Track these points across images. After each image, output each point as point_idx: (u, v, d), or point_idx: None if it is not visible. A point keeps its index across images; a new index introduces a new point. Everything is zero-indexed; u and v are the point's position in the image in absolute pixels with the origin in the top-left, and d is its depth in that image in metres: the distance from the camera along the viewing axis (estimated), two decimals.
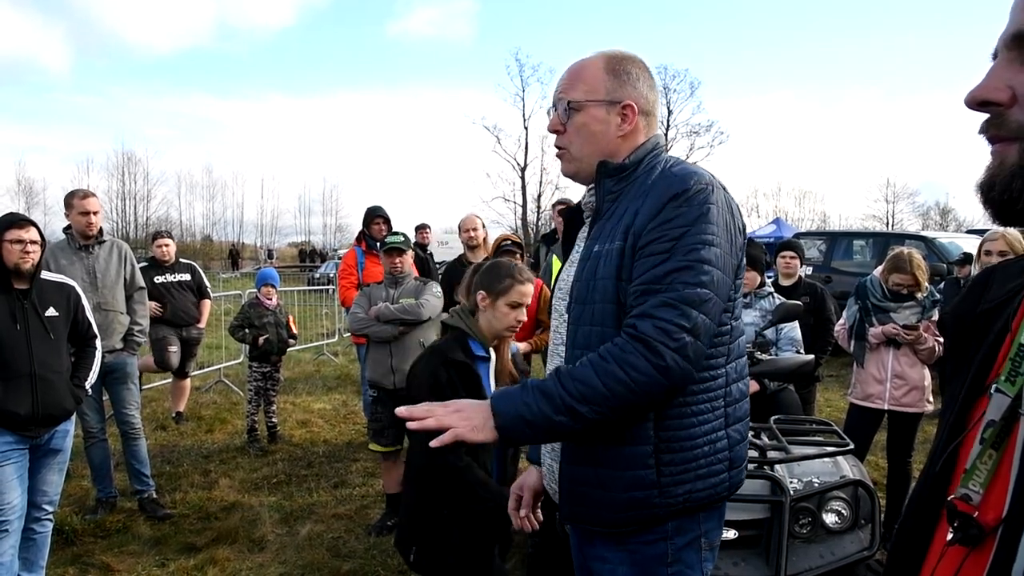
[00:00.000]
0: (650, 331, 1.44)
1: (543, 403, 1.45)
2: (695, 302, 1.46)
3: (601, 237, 1.66)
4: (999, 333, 0.85)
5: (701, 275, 1.48)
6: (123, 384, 4.76)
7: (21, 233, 3.36)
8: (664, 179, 1.60)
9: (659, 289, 1.48)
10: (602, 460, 1.61)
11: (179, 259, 7.02)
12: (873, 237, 13.53)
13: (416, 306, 4.41)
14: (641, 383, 1.42)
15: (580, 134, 1.71)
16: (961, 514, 0.79)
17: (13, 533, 3.31)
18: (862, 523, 2.97)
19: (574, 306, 1.69)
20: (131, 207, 52.00)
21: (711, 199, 1.54)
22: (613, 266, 1.59)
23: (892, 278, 4.35)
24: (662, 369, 1.43)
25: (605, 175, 1.70)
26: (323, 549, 4.31)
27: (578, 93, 1.70)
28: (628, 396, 1.43)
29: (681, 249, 1.49)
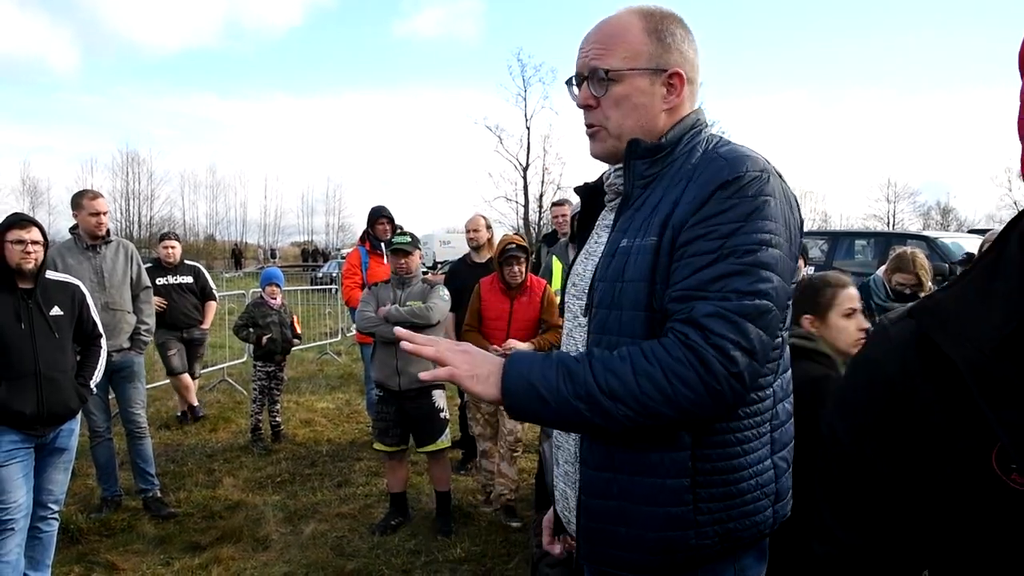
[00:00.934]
0: (704, 345, 1.22)
1: (564, 382, 1.25)
2: (753, 315, 1.24)
3: (630, 230, 1.40)
4: None
5: (759, 282, 1.25)
6: (130, 383, 4.78)
7: (22, 233, 3.37)
8: (710, 163, 1.35)
9: (707, 296, 1.25)
10: (630, 494, 1.37)
11: (183, 261, 7.05)
12: (875, 237, 13.52)
13: (425, 310, 4.41)
14: (685, 399, 1.22)
15: (620, 107, 1.43)
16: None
17: (19, 532, 3.33)
18: None
19: (596, 311, 1.42)
20: (135, 207, 52.14)
21: (767, 189, 1.30)
22: (646, 266, 1.34)
23: (895, 278, 4.35)
24: (714, 392, 1.22)
25: (637, 156, 1.43)
26: (327, 548, 4.32)
27: (616, 60, 1.42)
28: (664, 408, 1.23)
29: (734, 249, 1.25)
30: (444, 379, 1.31)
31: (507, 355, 1.34)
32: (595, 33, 1.46)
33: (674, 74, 1.44)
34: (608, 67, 1.42)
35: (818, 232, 18.07)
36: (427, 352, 1.32)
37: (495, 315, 4.73)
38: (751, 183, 1.29)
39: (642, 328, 1.34)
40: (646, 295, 1.34)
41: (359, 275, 6.19)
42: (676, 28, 1.45)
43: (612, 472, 1.39)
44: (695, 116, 1.47)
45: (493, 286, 4.79)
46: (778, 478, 1.43)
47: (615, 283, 1.39)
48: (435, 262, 31.72)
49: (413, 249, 4.61)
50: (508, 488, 4.75)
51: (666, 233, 1.33)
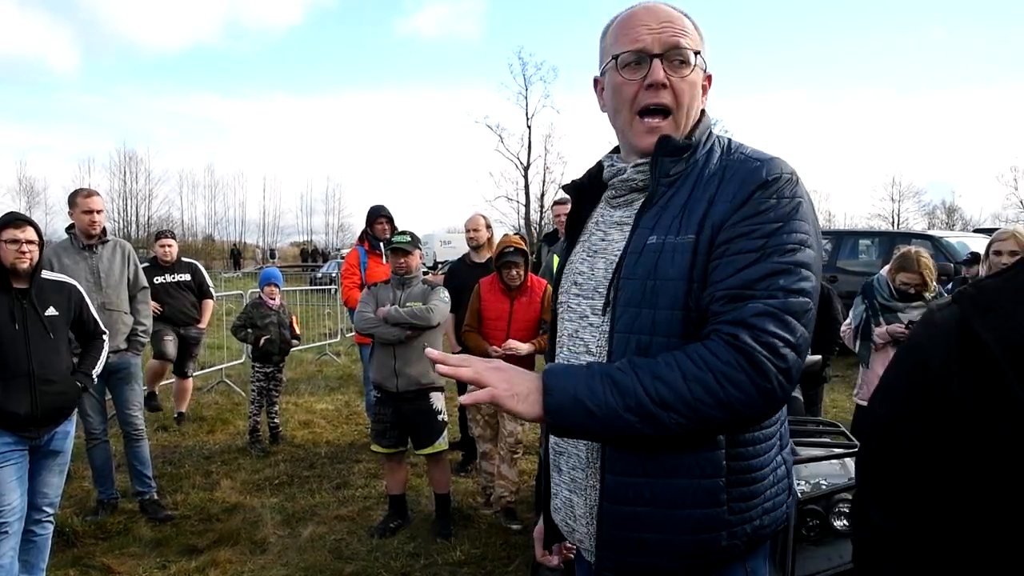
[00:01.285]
0: (754, 345, 1.21)
1: (612, 394, 1.22)
2: (798, 313, 1.25)
3: (658, 227, 1.36)
4: None
5: (802, 281, 1.26)
6: (127, 384, 4.74)
7: (17, 233, 3.33)
8: (741, 164, 1.35)
9: (755, 295, 1.24)
10: (663, 498, 1.33)
11: (181, 259, 7.00)
12: (879, 236, 13.46)
13: (426, 311, 4.37)
14: (738, 402, 1.21)
15: (689, 93, 1.42)
16: None
17: (13, 535, 3.28)
18: None
19: (621, 310, 1.37)
20: (133, 207, 52.10)
21: (800, 191, 1.33)
22: (684, 264, 1.31)
23: (899, 277, 4.30)
24: (766, 392, 1.21)
25: (666, 153, 1.40)
26: (325, 551, 4.28)
27: (694, 44, 1.42)
28: (717, 412, 1.21)
29: (776, 248, 1.26)
30: (484, 401, 1.26)
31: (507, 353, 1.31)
32: (663, 13, 1.42)
33: (708, 76, 1.48)
34: (697, 50, 1.41)
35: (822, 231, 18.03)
36: (464, 373, 1.26)
37: (495, 315, 4.69)
38: (787, 184, 1.32)
39: (679, 327, 1.32)
40: (684, 294, 1.31)
41: (358, 275, 6.15)
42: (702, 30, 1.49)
43: (643, 477, 1.35)
44: (708, 117, 1.49)
45: (493, 286, 4.75)
46: (788, 473, 1.46)
47: (646, 281, 1.34)
48: (435, 262, 31.71)
49: (413, 248, 4.56)
50: (508, 490, 4.70)
51: (704, 232, 1.31)
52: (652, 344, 1.33)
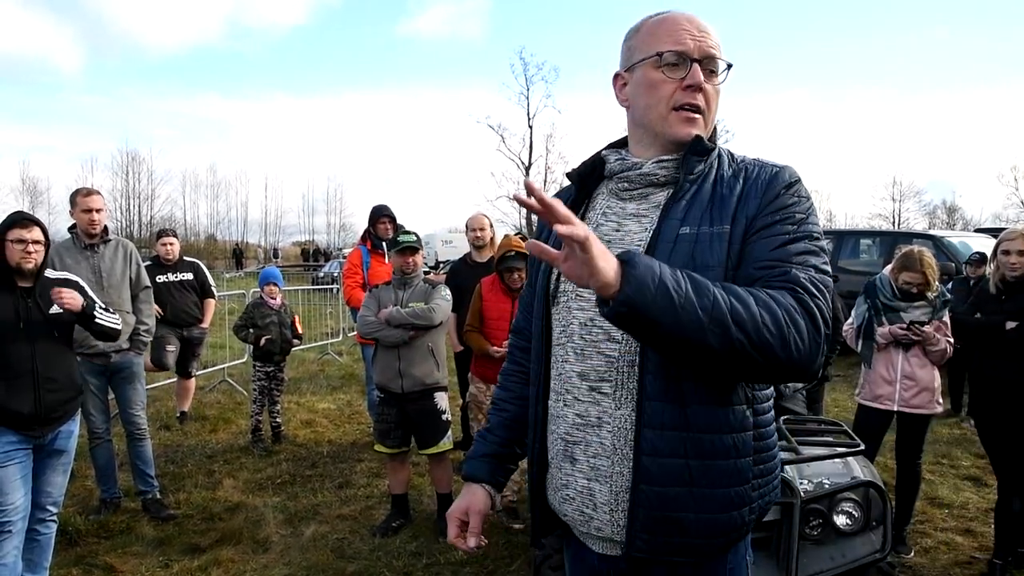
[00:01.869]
0: (810, 301, 1.31)
1: (693, 290, 1.22)
2: (830, 289, 1.38)
3: (689, 218, 1.44)
4: None
5: (826, 264, 1.41)
6: (129, 384, 4.74)
7: (23, 233, 3.33)
8: (758, 168, 1.48)
9: (795, 265, 1.35)
10: (699, 477, 1.40)
11: (183, 258, 7.01)
12: (880, 236, 13.45)
13: (428, 311, 4.37)
14: (795, 343, 1.26)
15: (716, 100, 1.53)
16: None
17: (16, 534, 3.29)
18: (873, 525, 2.93)
19: None
20: (135, 206, 52.13)
21: (809, 194, 1.49)
22: (722, 252, 1.40)
23: (902, 277, 4.30)
24: (815, 344, 1.30)
25: (695, 152, 1.49)
26: (327, 550, 4.29)
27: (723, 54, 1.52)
28: (776, 347, 1.25)
29: (806, 234, 1.40)
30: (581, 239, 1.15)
31: None
32: (702, 24, 1.51)
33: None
34: (729, 63, 1.52)
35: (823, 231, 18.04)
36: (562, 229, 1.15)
37: (496, 315, 4.70)
38: (801, 187, 1.47)
39: None
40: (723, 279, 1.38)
41: (360, 274, 6.15)
42: None
43: (683, 458, 1.40)
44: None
45: (494, 286, 4.76)
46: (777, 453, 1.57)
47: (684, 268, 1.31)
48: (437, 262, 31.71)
49: (419, 247, 4.58)
50: (510, 489, 4.71)
51: (738, 223, 1.42)
52: None
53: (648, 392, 1.41)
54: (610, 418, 1.46)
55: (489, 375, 4.71)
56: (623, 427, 1.44)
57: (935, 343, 4.19)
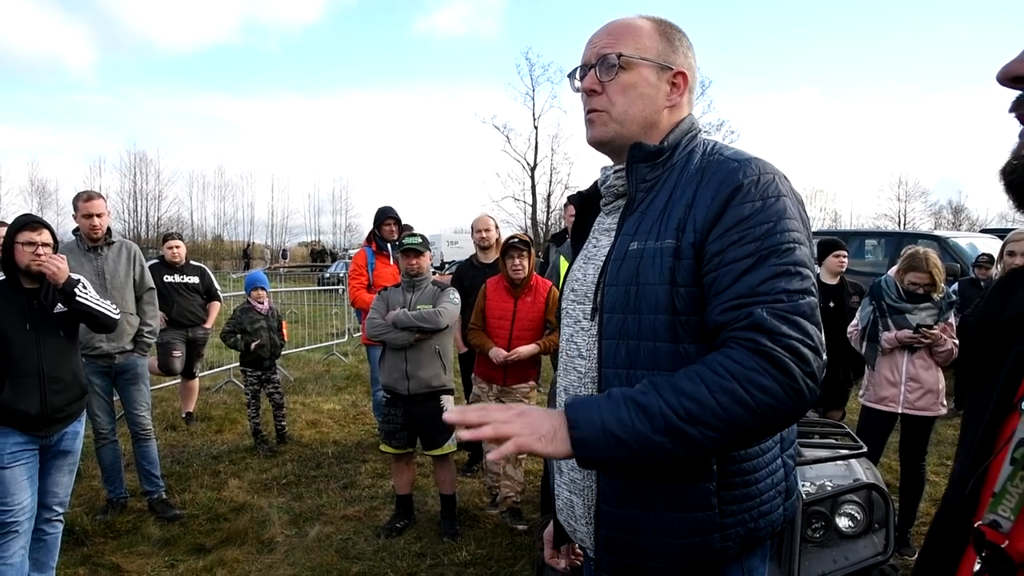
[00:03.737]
0: (775, 348, 1.20)
1: (639, 418, 1.20)
2: (807, 313, 1.25)
3: (639, 233, 1.40)
4: None
5: (803, 280, 1.27)
6: (134, 385, 4.76)
7: (33, 235, 3.36)
8: (718, 166, 1.37)
9: (760, 300, 1.24)
10: (655, 501, 1.36)
11: (189, 261, 7.07)
12: (885, 237, 13.43)
13: (434, 314, 4.38)
14: (767, 407, 1.19)
15: (627, 94, 1.45)
16: (989, 543, 0.72)
17: (23, 534, 3.31)
18: (876, 527, 2.93)
19: (609, 315, 1.41)
20: (143, 207, 52.26)
21: (783, 189, 1.34)
22: (665, 268, 1.34)
23: (908, 277, 4.29)
24: (795, 392, 1.20)
25: (639, 160, 1.45)
26: (332, 551, 4.30)
27: (629, 49, 1.45)
28: (748, 420, 1.19)
29: (772, 250, 1.27)
30: (511, 453, 1.23)
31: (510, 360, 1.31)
32: (605, 28, 1.51)
33: (679, 73, 1.49)
34: (622, 52, 1.45)
35: (828, 232, 18.05)
36: (484, 433, 1.22)
37: (499, 314, 4.71)
38: (768, 185, 1.32)
39: (664, 330, 1.34)
40: (667, 297, 1.33)
41: (365, 276, 6.17)
42: (682, 37, 1.53)
43: (636, 480, 1.37)
44: (691, 120, 1.52)
45: (498, 286, 4.77)
46: (787, 476, 1.47)
47: (629, 286, 1.38)
48: (443, 262, 31.73)
49: (424, 249, 4.58)
50: (514, 490, 4.72)
51: (684, 236, 1.34)
52: (640, 349, 1.35)
53: None
54: None
55: (494, 376, 4.72)
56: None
57: (942, 344, 4.18)
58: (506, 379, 4.71)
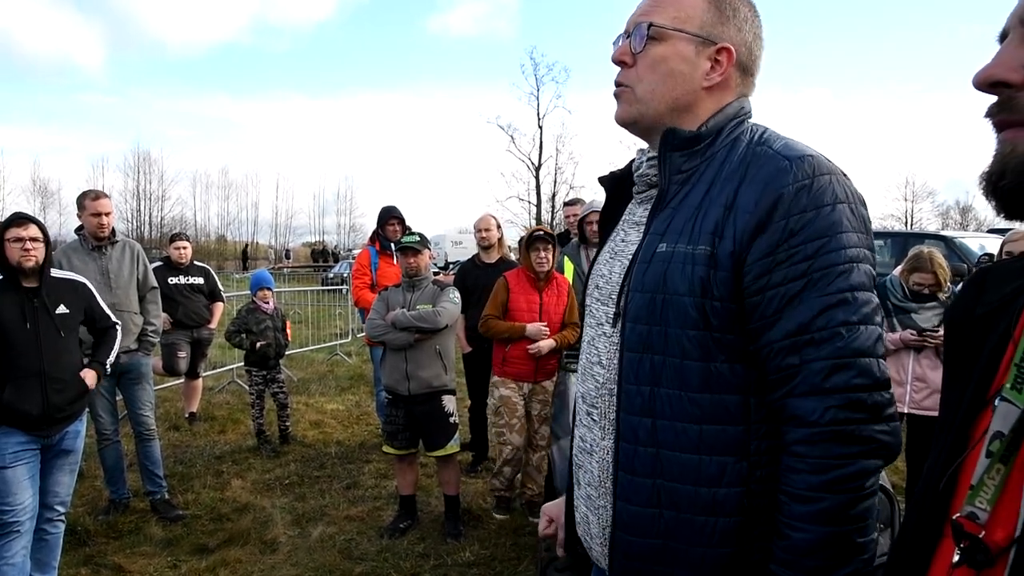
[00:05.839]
0: (838, 416, 1.09)
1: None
2: (868, 349, 1.11)
3: (668, 233, 1.24)
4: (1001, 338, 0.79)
5: (861, 307, 1.11)
6: (138, 385, 4.76)
7: (20, 231, 3.34)
8: (766, 161, 1.19)
9: (816, 339, 1.11)
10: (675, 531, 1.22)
11: (194, 262, 7.09)
12: (892, 237, 13.37)
13: (433, 314, 4.36)
14: (869, 482, 1.10)
15: (656, 70, 1.28)
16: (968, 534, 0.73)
17: (25, 534, 3.30)
18: (881, 528, 2.89)
19: (632, 325, 1.25)
20: (146, 207, 52.36)
21: (839, 194, 1.14)
22: (697, 279, 1.17)
23: (913, 278, 4.27)
24: (877, 451, 1.10)
25: (673, 147, 1.27)
26: (335, 551, 4.28)
27: (665, 17, 1.27)
28: (862, 504, 1.10)
29: (824, 274, 1.11)
30: None
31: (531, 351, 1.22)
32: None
33: (723, 49, 1.28)
34: (654, 21, 1.28)
35: None
36: None
37: (526, 307, 4.68)
38: (822, 190, 1.14)
39: (693, 347, 1.19)
40: (696, 311, 1.18)
41: (369, 275, 6.16)
42: (743, 7, 1.32)
43: (657, 508, 1.23)
44: (739, 104, 1.32)
45: (521, 278, 4.75)
46: None
47: (655, 295, 1.22)
48: (447, 262, 31.71)
49: (422, 248, 4.56)
50: (535, 483, 4.80)
51: (722, 243, 1.17)
52: (666, 365, 1.21)
53: (622, 430, 1.27)
54: (598, 447, 1.33)
55: (526, 372, 4.68)
56: (606, 460, 1.31)
57: None
58: (537, 374, 4.69)
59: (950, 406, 0.85)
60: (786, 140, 1.24)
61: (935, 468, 0.82)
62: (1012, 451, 0.71)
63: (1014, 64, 0.71)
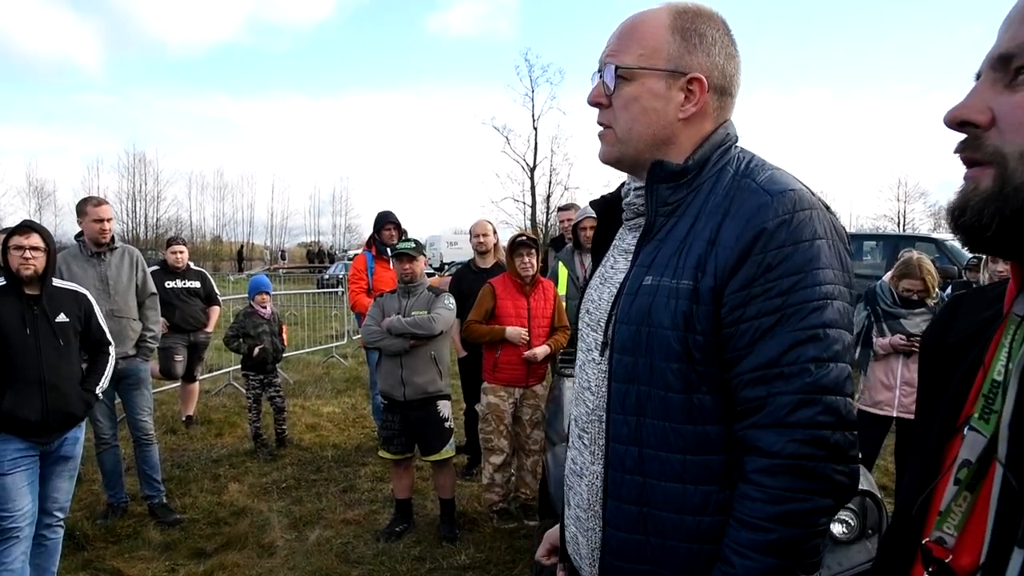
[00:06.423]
0: (798, 451, 1.11)
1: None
2: (834, 387, 1.12)
3: (654, 266, 1.25)
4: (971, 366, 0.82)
5: (832, 344, 1.13)
6: (136, 390, 4.79)
7: (22, 239, 3.38)
8: (748, 196, 1.20)
9: (786, 373, 1.12)
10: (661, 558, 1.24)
11: (190, 266, 7.12)
12: (883, 239, 13.47)
13: (428, 320, 4.40)
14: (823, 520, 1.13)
15: (629, 109, 1.29)
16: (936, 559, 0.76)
17: (24, 540, 3.33)
18: (869, 533, 2.96)
19: (618, 358, 1.27)
20: (141, 208, 52.22)
21: (820, 230, 1.16)
22: (679, 313, 1.19)
23: (902, 284, 4.33)
24: (835, 491, 1.13)
25: (659, 180, 1.28)
26: (332, 555, 4.32)
27: (630, 56, 1.28)
28: (812, 541, 1.13)
29: (798, 310, 1.13)
30: None
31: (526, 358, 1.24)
32: (619, 28, 1.34)
33: (694, 79, 1.27)
34: (621, 63, 1.29)
35: None
36: None
37: (514, 312, 4.73)
38: (801, 226, 1.15)
39: (677, 379, 1.21)
40: (680, 344, 1.20)
41: (365, 280, 6.20)
42: (709, 30, 1.29)
43: (643, 535, 1.25)
44: (724, 131, 1.32)
45: (506, 283, 4.79)
46: None
47: (640, 327, 1.23)
48: (442, 263, 31.72)
49: (417, 254, 4.60)
50: (530, 488, 4.84)
51: (704, 278, 1.19)
52: (651, 397, 1.23)
53: (611, 457, 1.29)
54: (588, 472, 1.35)
55: (517, 378, 4.72)
56: (595, 484, 1.33)
57: None
58: (529, 378, 4.74)
59: (922, 431, 0.88)
60: (771, 172, 1.25)
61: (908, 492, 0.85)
62: (978, 479, 0.74)
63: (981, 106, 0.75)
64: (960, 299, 0.96)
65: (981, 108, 0.75)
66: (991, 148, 0.73)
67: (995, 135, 0.73)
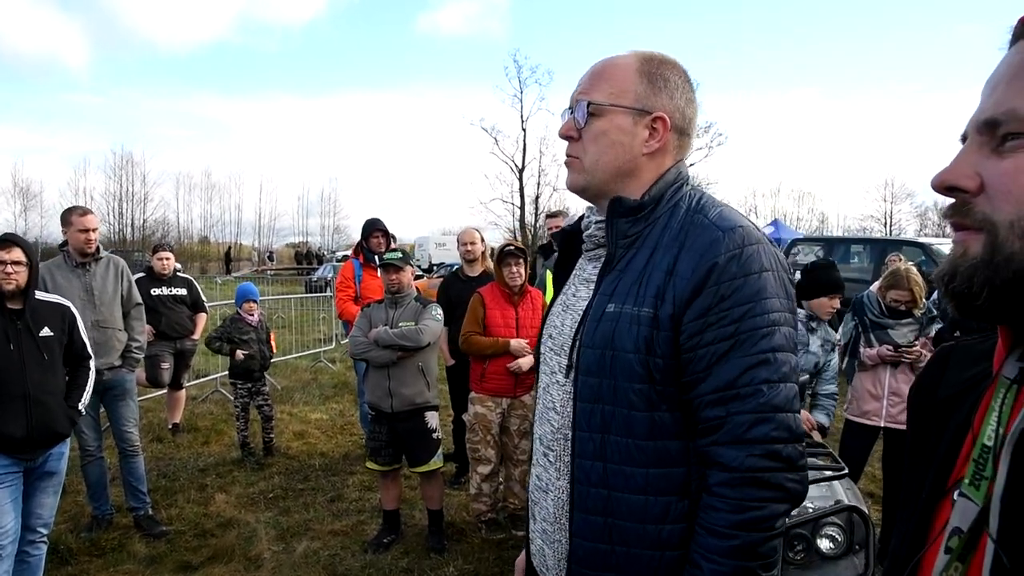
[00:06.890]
0: (756, 464, 1.23)
1: None
2: (785, 404, 1.26)
3: (616, 295, 1.37)
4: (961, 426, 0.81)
5: (781, 367, 1.26)
6: (122, 401, 4.74)
7: (2, 254, 3.33)
8: (701, 231, 1.32)
9: (741, 394, 1.25)
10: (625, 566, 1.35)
11: (177, 273, 7.09)
12: (870, 243, 13.55)
13: (416, 332, 4.38)
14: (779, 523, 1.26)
15: (598, 143, 1.41)
16: None
17: (6, 558, 3.30)
18: (856, 548, 2.96)
19: (583, 379, 1.38)
20: (128, 209, 51.80)
21: (765, 263, 1.29)
22: (641, 338, 1.31)
23: (890, 294, 4.35)
24: (789, 497, 1.26)
25: (619, 215, 1.40)
26: (319, 567, 4.30)
27: (601, 94, 1.41)
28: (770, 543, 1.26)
29: (749, 336, 1.25)
30: None
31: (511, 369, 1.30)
32: (590, 69, 1.47)
33: (658, 118, 1.41)
34: (592, 99, 1.42)
35: (814, 238, 18.29)
36: None
37: (503, 322, 4.71)
38: (750, 260, 1.28)
39: (639, 399, 1.32)
40: (642, 366, 1.31)
41: (352, 288, 6.17)
42: (671, 74, 1.44)
43: (608, 544, 1.36)
44: (677, 170, 1.45)
45: (495, 293, 4.78)
46: None
47: (604, 351, 1.35)
48: (431, 264, 31.67)
49: (404, 264, 4.58)
50: (518, 498, 4.82)
51: (663, 306, 1.31)
52: (615, 416, 1.33)
53: (576, 473, 1.39)
54: (553, 487, 1.46)
55: (506, 387, 4.70)
56: (561, 499, 1.43)
57: (923, 361, 4.24)
58: (516, 388, 4.72)
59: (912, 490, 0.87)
60: (720, 209, 1.38)
61: (899, 555, 0.84)
62: (969, 549, 0.73)
63: (969, 171, 0.74)
64: (949, 352, 0.95)
65: (969, 174, 0.74)
66: (980, 215, 0.72)
67: (984, 202, 0.72)
